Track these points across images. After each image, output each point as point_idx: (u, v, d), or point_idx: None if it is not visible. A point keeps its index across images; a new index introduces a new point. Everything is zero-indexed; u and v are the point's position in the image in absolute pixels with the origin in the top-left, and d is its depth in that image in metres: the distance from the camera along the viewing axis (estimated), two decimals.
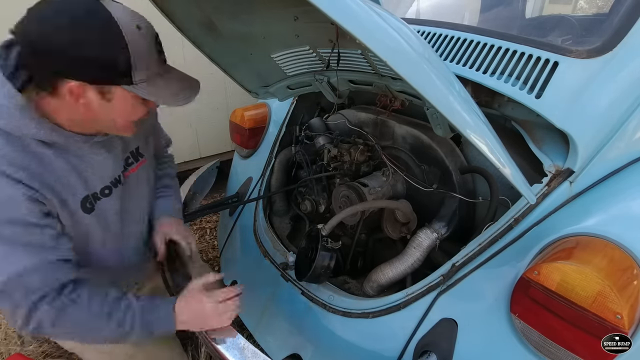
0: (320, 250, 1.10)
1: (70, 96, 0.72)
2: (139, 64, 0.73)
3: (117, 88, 0.75)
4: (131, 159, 1.02)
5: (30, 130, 0.74)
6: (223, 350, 0.91)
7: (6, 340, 1.50)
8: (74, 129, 0.81)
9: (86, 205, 0.88)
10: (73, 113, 0.77)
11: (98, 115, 0.78)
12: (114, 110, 0.78)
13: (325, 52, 1.21)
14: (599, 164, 0.89)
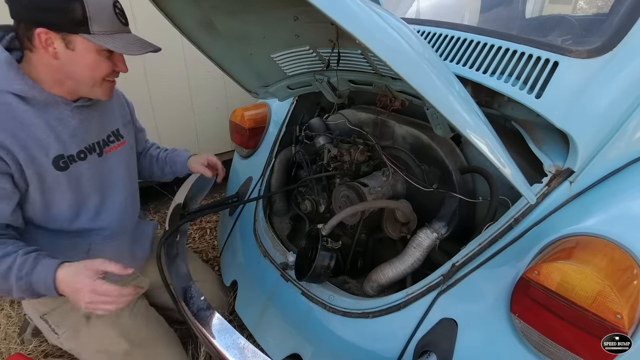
0: (320, 250, 1.10)
1: (40, 44, 0.84)
2: (95, 16, 0.85)
3: (78, 37, 0.86)
4: (112, 137, 1.12)
5: (13, 85, 0.85)
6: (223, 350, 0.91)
7: (6, 340, 1.50)
8: (55, 90, 0.92)
9: (59, 164, 0.96)
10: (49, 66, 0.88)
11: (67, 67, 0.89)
12: (79, 61, 0.89)
13: (325, 52, 1.21)
14: (599, 164, 0.89)
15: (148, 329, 1.25)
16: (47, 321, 1.14)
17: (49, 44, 0.85)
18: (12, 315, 1.62)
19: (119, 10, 0.92)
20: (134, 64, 2.11)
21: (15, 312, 1.64)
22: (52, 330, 1.15)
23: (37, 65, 0.89)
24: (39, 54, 0.87)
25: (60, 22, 0.84)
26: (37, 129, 0.90)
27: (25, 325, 1.49)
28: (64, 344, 1.18)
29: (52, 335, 1.17)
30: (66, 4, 0.82)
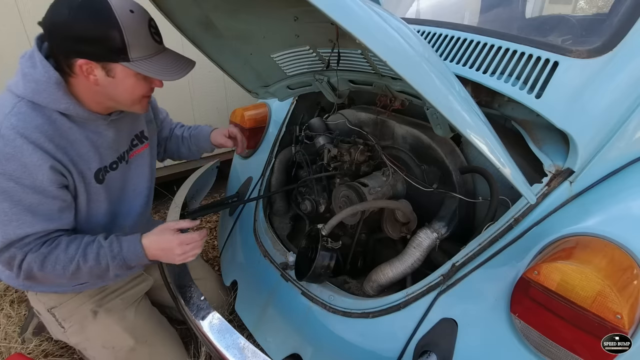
0: (320, 250, 1.10)
1: (81, 73, 0.87)
2: (132, 43, 0.86)
3: (117, 65, 0.88)
4: (136, 140, 1.15)
5: (61, 104, 0.88)
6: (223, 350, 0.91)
7: (6, 340, 1.51)
8: (93, 108, 0.96)
9: (99, 177, 1.01)
10: (89, 90, 0.92)
11: (107, 91, 0.92)
12: (118, 86, 0.92)
13: (325, 52, 1.21)
14: (599, 164, 0.89)
15: (152, 327, 1.26)
16: (55, 315, 1.15)
17: (89, 72, 0.88)
18: (12, 315, 1.62)
19: (154, 29, 0.93)
20: None
21: (15, 312, 1.64)
22: (59, 324, 1.16)
23: (77, 87, 0.92)
24: (79, 79, 0.90)
25: (101, 52, 0.86)
26: (80, 144, 0.94)
27: (26, 324, 1.49)
28: (70, 338, 1.19)
29: (58, 329, 1.18)
30: (106, 33, 0.84)
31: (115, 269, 0.95)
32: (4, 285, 1.78)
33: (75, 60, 0.85)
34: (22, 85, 0.86)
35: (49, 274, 0.89)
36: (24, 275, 0.88)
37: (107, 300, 1.20)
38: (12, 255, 0.86)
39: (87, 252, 0.92)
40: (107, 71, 0.88)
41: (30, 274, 0.87)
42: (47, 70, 0.86)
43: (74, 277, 0.93)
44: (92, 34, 0.83)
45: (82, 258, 0.91)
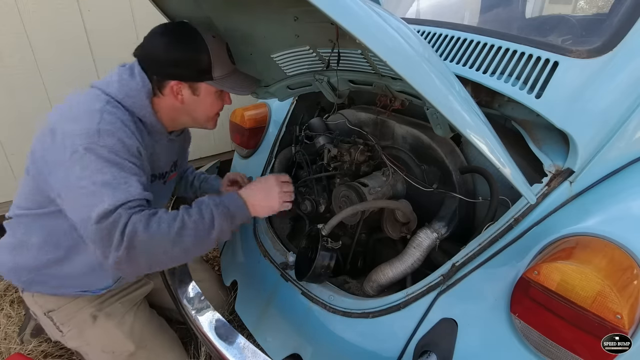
0: (320, 250, 1.10)
1: (171, 93, 1.01)
2: (215, 63, 1.01)
3: (202, 84, 1.03)
4: (172, 166, 1.22)
5: (143, 111, 0.99)
6: (223, 350, 0.91)
7: (6, 340, 1.51)
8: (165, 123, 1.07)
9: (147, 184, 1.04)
10: (172, 109, 1.05)
11: (189, 108, 1.06)
12: (201, 103, 1.06)
13: (325, 52, 1.20)
14: (599, 164, 0.89)
15: (151, 331, 1.26)
16: (52, 318, 1.15)
17: (178, 92, 1.01)
18: (12, 315, 1.62)
19: (229, 52, 1.08)
20: None
21: (15, 312, 1.64)
22: (57, 328, 1.16)
23: (158, 105, 1.04)
24: (165, 99, 1.03)
25: (190, 74, 1.00)
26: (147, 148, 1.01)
27: (24, 325, 1.49)
28: (68, 342, 1.18)
29: (56, 333, 1.17)
30: (197, 56, 0.99)
31: (220, 219, 0.92)
32: (4, 285, 1.78)
33: (168, 82, 1.00)
34: (117, 88, 0.96)
35: (155, 235, 0.83)
36: (127, 240, 0.80)
37: (107, 304, 1.19)
38: (117, 218, 0.81)
39: (188, 209, 0.92)
40: (193, 90, 1.03)
41: (134, 237, 0.81)
42: (143, 80, 0.98)
43: (179, 237, 0.86)
44: (186, 58, 0.98)
45: (185, 213, 0.90)
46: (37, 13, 1.83)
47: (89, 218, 0.80)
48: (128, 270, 0.85)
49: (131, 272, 0.87)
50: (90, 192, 0.82)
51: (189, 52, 0.98)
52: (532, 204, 0.88)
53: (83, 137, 0.85)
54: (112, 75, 1.00)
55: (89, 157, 0.84)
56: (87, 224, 0.81)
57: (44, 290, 1.12)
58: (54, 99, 1.99)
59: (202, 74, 1.01)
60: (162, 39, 0.99)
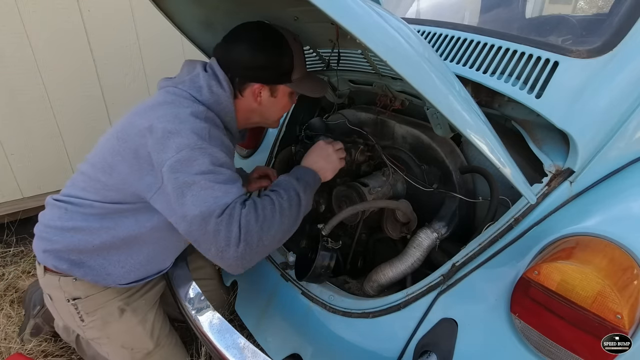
0: (320, 250, 1.10)
1: (252, 95, 1.03)
2: (296, 66, 1.03)
3: (281, 86, 1.05)
4: None
5: (227, 116, 1.02)
6: (223, 350, 0.91)
7: (6, 340, 1.51)
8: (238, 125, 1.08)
9: None
10: (248, 109, 1.07)
11: (265, 109, 1.08)
12: (276, 104, 1.08)
13: (325, 52, 1.21)
14: (599, 164, 0.89)
15: (165, 331, 1.27)
16: (77, 306, 1.11)
17: (258, 94, 1.03)
18: (12, 315, 1.62)
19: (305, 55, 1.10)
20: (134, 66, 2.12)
21: (15, 312, 1.64)
22: (80, 317, 1.12)
23: (238, 106, 1.05)
24: (244, 100, 1.04)
25: (273, 76, 1.02)
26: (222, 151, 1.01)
27: (24, 325, 1.49)
28: (86, 332, 1.16)
29: (76, 322, 1.14)
30: (281, 60, 1.00)
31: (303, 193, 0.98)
32: (4, 285, 1.78)
33: (251, 85, 1.01)
34: (207, 94, 0.98)
35: (264, 225, 0.88)
36: (243, 236, 0.84)
37: (134, 299, 1.18)
38: (232, 211, 0.85)
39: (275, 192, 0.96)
40: (272, 92, 1.05)
41: (249, 231, 0.85)
42: (230, 87, 1.00)
43: (281, 218, 0.92)
44: (271, 62, 0.99)
45: (276, 197, 0.94)
46: (37, 13, 1.83)
47: (208, 214, 0.83)
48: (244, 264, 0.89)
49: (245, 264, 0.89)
50: (207, 189, 0.85)
51: (275, 55, 0.99)
52: (532, 204, 0.88)
53: (196, 137, 0.88)
54: (198, 78, 1.00)
55: (205, 158, 0.87)
56: (207, 218, 0.83)
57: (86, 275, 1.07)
58: (54, 99, 1.99)
59: (283, 76, 1.03)
60: (247, 42, 0.99)
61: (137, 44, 2.10)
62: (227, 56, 1.01)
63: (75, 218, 1.04)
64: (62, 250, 1.05)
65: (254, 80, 1.01)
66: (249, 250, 0.85)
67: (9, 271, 1.86)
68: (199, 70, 1.01)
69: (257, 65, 0.99)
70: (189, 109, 0.93)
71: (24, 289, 1.73)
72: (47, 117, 2.00)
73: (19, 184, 2.06)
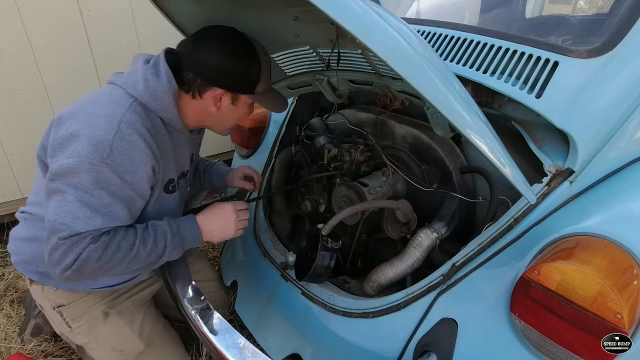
0: (320, 250, 1.10)
1: (212, 99, 0.98)
2: (262, 79, 1.01)
3: (243, 96, 1.02)
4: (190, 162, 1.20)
5: (168, 113, 0.95)
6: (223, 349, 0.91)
7: (6, 340, 1.51)
8: (186, 122, 1.02)
9: (169, 187, 1.05)
10: (203, 113, 1.01)
11: (222, 115, 1.03)
12: (234, 113, 1.05)
13: (325, 52, 1.20)
14: (599, 164, 0.89)
15: (158, 331, 1.26)
16: (62, 314, 1.13)
17: (219, 100, 0.99)
18: (12, 315, 1.62)
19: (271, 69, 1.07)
20: None
21: (15, 312, 1.64)
22: (66, 323, 1.14)
23: (190, 105, 1.00)
24: (201, 102, 0.99)
25: (238, 84, 0.99)
26: (166, 152, 0.99)
27: (24, 325, 1.49)
28: (76, 338, 1.17)
29: (64, 328, 1.16)
30: (248, 68, 0.98)
31: (171, 250, 0.95)
32: (4, 285, 1.78)
33: (213, 89, 0.96)
34: (142, 89, 0.91)
35: (105, 265, 0.86)
36: (76, 266, 0.83)
37: (119, 302, 1.18)
38: (78, 241, 0.83)
39: (145, 236, 0.92)
40: (233, 100, 1.01)
41: (84, 265, 0.84)
42: (169, 81, 0.92)
43: (129, 266, 0.90)
44: (240, 70, 0.96)
45: (141, 243, 0.91)
46: (37, 13, 1.83)
47: (56, 229, 0.82)
48: (68, 282, 0.92)
49: (69, 283, 0.95)
50: (71, 205, 0.82)
51: (244, 64, 0.97)
52: (532, 204, 0.88)
53: (93, 149, 0.81)
54: (136, 72, 0.94)
55: (89, 174, 0.82)
56: (53, 233, 0.82)
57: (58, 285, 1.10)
58: (54, 99, 1.99)
59: (248, 86, 1.00)
60: (219, 45, 0.94)
61: (137, 43, 2.10)
62: (193, 55, 0.95)
63: (35, 227, 1.05)
64: (29, 262, 1.07)
65: (218, 85, 0.96)
66: (77, 276, 0.86)
67: (9, 271, 1.86)
68: (139, 64, 0.95)
69: (225, 70, 0.95)
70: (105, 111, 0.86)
71: (24, 289, 1.73)
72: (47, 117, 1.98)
73: (19, 184, 2.06)
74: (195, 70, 0.95)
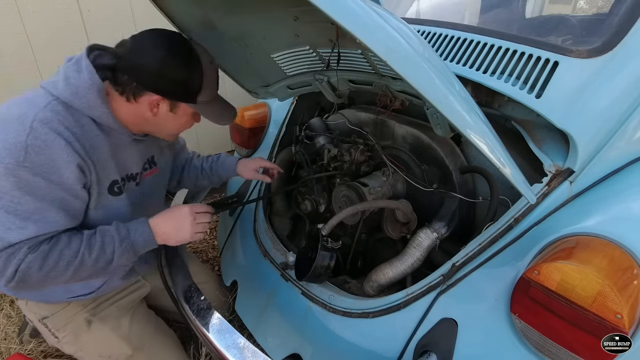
0: (320, 250, 1.10)
1: (148, 104, 0.93)
2: (204, 88, 0.96)
3: (183, 104, 0.97)
4: (147, 164, 1.14)
5: (95, 111, 0.89)
6: (223, 350, 0.91)
7: (6, 340, 1.51)
8: (127, 125, 0.97)
9: (114, 189, 0.99)
10: (139, 117, 0.96)
11: (159, 122, 0.98)
12: (174, 121, 1.00)
13: (325, 52, 1.20)
14: (599, 164, 0.89)
15: (149, 333, 1.25)
16: (47, 325, 1.13)
17: (155, 106, 0.93)
18: (12, 315, 1.62)
19: (218, 79, 1.03)
20: None
21: (15, 312, 1.64)
22: (52, 334, 1.15)
23: (124, 107, 0.94)
24: (136, 106, 0.93)
25: (177, 92, 0.93)
26: (102, 152, 0.93)
27: (23, 326, 1.49)
28: (64, 347, 1.18)
29: (52, 339, 1.16)
30: (189, 77, 0.92)
31: (120, 255, 0.91)
32: None
33: (148, 94, 0.91)
34: (62, 87, 0.86)
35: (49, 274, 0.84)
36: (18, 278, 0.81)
37: (102, 308, 1.17)
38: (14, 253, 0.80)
39: (91, 242, 0.89)
40: (171, 108, 0.96)
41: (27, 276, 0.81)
42: (91, 77, 0.87)
43: (76, 274, 0.87)
44: (178, 78, 0.91)
45: (87, 250, 0.87)
46: (37, 13, 1.83)
47: None
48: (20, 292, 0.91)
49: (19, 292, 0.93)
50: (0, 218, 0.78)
51: (184, 72, 0.91)
52: (532, 204, 0.88)
53: (6, 153, 0.77)
54: (59, 71, 0.89)
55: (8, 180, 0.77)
56: None
57: (34, 297, 1.09)
58: None
59: (188, 95, 0.95)
60: (158, 49, 0.88)
61: None
62: (131, 57, 0.89)
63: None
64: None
65: (154, 90, 0.91)
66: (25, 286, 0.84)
67: None
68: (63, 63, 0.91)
69: (162, 76, 0.89)
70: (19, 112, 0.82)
71: None
72: None
73: None
74: (130, 73, 0.89)
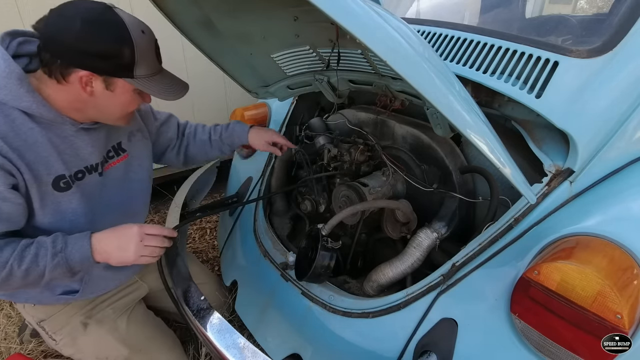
0: (320, 250, 1.10)
1: (79, 83, 0.84)
2: (140, 61, 0.87)
3: (120, 80, 0.88)
4: (112, 152, 1.07)
5: (22, 102, 0.83)
6: (223, 350, 0.91)
7: (6, 340, 1.51)
8: (69, 114, 0.91)
9: (59, 184, 0.92)
10: (76, 99, 0.88)
11: (99, 102, 0.90)
12: (114, 99, 0.91)
13: (325, 52, 1.21)
14: (599, 164, 0.89)
15: (147, 334, 1.25)
16: (44, 328, 1.14)
17: (87, 83, 0.86)
18: (12, 315, 1.62)
19: (158, 50, 0.95)
20: None
21: (16, 312, 1.64)
22: (50, 337, 1.15)
23: (57, 92, 0.87)
24: (68, 87, 0.86)
25: (107, 67, 0.85)
26: (40, 147, 0.88)
27: (23, 326, 1.49)
28: (62, 350, 1.18)
29: (50, 342, 1.17)
30: (118, 50, 0.84)
31: (52, 269, 0.86)
32: None
33: (76, 71, 0.83)
34: None
35: None
36: None
37: (97, 310, 1.16)
38: None
39: (24, 254, 0.84)
40: (107, 85, 0.88)
41: None
42: (8, 64, 0.81)
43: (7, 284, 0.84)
44: (105, 50, 0.83)
45: (16, 261, 0.83)
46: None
47: None
48: None
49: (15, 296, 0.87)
50: None
51: (108, 43, 0.82)
52: (532, 204, 0.88)
53: None
54: None
55: None
56: None
57: (29, 300, 1.08)
58: None
59: (121, 69, 0.86)
60: (75, 20, 0.80)
61: None
62: (48, 32, 0.81)
63: None
64: None
65: (80, 66, 0.82)
66: None
67: None
68: None
69: (84, 50, 0.81)
70: None
71: None
72: None
73: None
74: (51, 50, 0.82)
